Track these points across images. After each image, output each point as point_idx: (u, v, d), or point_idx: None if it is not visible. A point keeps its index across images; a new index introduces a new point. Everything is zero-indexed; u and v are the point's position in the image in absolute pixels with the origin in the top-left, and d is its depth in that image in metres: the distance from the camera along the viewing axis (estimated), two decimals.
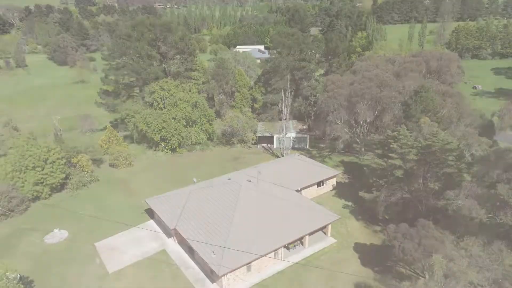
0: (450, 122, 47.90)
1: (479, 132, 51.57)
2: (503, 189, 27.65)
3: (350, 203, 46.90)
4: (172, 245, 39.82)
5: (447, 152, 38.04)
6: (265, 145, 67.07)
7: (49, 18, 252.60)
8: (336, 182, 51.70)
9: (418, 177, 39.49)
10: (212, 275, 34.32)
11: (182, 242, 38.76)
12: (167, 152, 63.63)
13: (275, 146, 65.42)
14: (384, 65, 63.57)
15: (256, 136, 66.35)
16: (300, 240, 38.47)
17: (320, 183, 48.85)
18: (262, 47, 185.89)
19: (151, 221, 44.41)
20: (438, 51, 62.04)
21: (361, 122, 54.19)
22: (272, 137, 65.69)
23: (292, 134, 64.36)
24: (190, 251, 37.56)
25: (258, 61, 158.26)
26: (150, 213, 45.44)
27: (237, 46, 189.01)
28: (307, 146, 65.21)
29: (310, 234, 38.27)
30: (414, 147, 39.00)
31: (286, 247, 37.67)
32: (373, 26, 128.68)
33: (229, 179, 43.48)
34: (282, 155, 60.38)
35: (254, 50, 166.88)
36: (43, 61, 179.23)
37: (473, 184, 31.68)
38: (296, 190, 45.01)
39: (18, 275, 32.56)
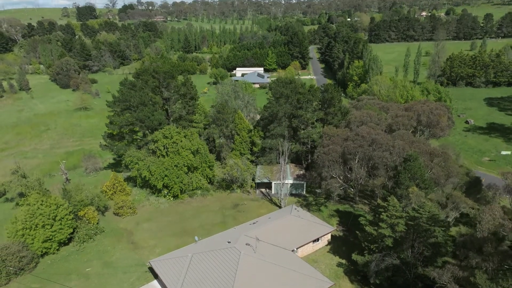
0: (438, 183, 50.59)
1: (466, 189, 54.41)
2: (481, 279, 30.18)
3: (344, 261, 49.31)
4: None
5: (434, 223, 40.69)
6: (263, 190, 69.62)
7: (52, 36, 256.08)
8: (331, 235, 54.18)
9: (406, 246, 42.02)
10: None
11: None
12: (169, 199, 66.13)
13: (273, 192, 67.95)
14: (378, 115, 66.46)
15: (255, 183, 68.94)
16: None
17: (315, 239, 51.32)
18: (261, 69, 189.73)
19: (155, 281, 46.76)
20: (429, 103, 64.68)
21: (354, 175, 56.87)
22: (270, 182, 68.25)
23: (290, 181, 66.96)
24: None
25: (257, 85, 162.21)
26: (154, 271, 47.78)
27: (237, 68, 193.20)
28: (304, 192, 67.79)
29: None
30: (403, 217, 41.63)
31: None
32: (369, 55, 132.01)
33: (228, 242, 45.90)
34: (280, 204, 62.90)
35: (254, 74, 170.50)
36: (46, 83, 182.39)
37: (455, 267, 34.18)
38: (293, 250, 47.52)
39: None
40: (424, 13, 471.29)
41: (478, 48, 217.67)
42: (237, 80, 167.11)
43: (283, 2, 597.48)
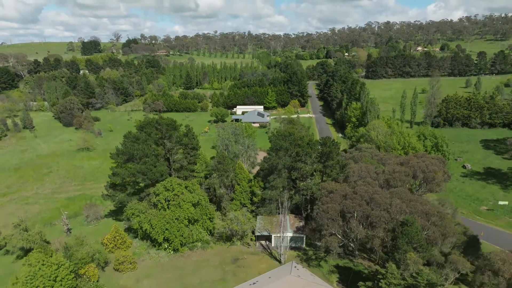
0: (435, 243, 51.21)
1: (464, 249, 54.90)
2: None
3: None
4: None
5: None
6: (263, 242, 69.90)
7: (57, 72, 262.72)
8: None
9: None
10: None
11: None
12: (169, 252, 66.34)
13: (273, 245, 68.22)
14: (375, 168, 67.89)
15: (255, 236, 69.37)
16: None
17: None
18: (261, 107, 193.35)
19: None
20: (425, 157, 66.24)
21: (353, 232, 57.49)
22: (270, 235, 68.64)
23: (290, 234, 67.44)
24: None
25: (257, 125, 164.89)
26: None
27: (237, 106, 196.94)
28: (304, 245, 68.07)
29: None
30: (401, 285, 42.07)
31: None
32: (367, 98, 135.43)
33: None
34: (280, 259, 63.06)
35: (254, 112, 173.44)
36: (49, 121, 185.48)
37: None
38: None
39: None
40: (419, 48, 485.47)
41: (473, 86, 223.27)
42: (237, 120, 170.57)
43: (282, 36, 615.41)
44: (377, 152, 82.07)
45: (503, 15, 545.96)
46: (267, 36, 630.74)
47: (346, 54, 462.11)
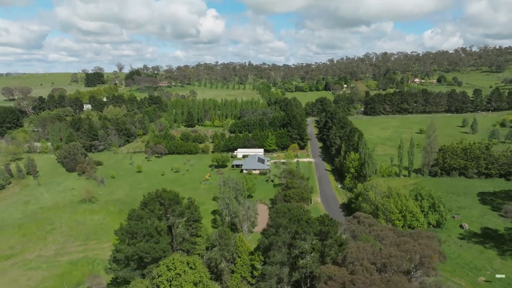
0: None
1: None
2: None
3: None
4: None
5: None
6: None
7: (61, 111, 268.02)
8: None
9: None
10: None
11: None
12: None
13: None
14: (372, 247, 69.59)
15: None
16: None
17: None
18: (261, 150, 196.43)
19: None
20: (421, 239, 68.05)
21: None
22: None
23: None
24: None
25: (257, 171, 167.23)
26: None
27: (238, 149, 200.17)
28: None
29: None
30: None
31: None
32: (365, 149, 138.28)
33: None
34: None
35: (254, 158, 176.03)
36: (52, 165, 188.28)
37: None
38: None
39: None
40: (417, 80, 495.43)
41: (469, 126, 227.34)
42: (238, 166, 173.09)
43: (281, 67, 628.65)
44: (374, 222, 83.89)
45: (497, 47, 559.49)
46: (267, 66, 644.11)
47: (345, 86, 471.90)
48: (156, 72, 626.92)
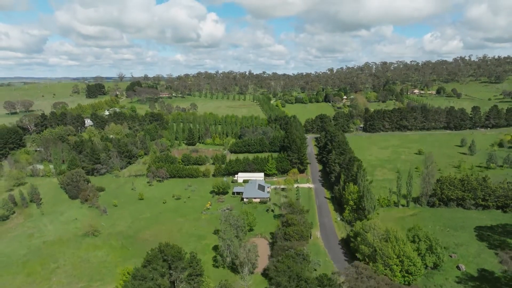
0: None
1: None
2: None
3: None
4: None
5: None
6: None
7: (63, 130, 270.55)
8: None
9: None
10: None
11: None
12: None
13: None
14: None
15: None
16: None
17: None
18: (261, 175, 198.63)
19: None
20: None
21: None
22: None
23: None
24: None
25: (258, 200, 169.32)
26: None
27: (239, 174, 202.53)
28: None
29: None
30: None
31: None
32: (363, 182, 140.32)
33: None
34: None
35: (254, 186, 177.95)
36: (55, 191, 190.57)
37: None
38: None
39: None
40: (416, 91, 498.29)
41: (468, 147, 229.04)
42: (239, 193, 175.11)
43: (281, 76, 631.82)
44: (372, 274, 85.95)
45: (496, 56, 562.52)
46: (267, 76, 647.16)
47: (345, 97, 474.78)
48: (156, 82, 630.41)
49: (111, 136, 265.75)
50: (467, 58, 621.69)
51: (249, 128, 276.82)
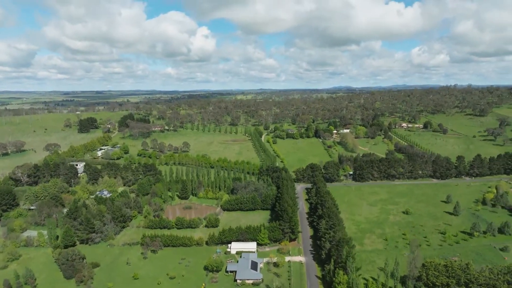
0: None
1: None
2: None
3: None
4: None
5: None
6: None
7: (57, 188, 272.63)
8: None
9: None
10: None
11: None
12: None
13: None
14: None
15: None
16: None
17: None
18: (254, 245, 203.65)
19: None
20: None
21: None
22: None
23: None
24: None
25: (251, 281, 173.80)
26: None
27: (232, 243, 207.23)
28: None
29: None
30: None
31: None
32: (353, 274, 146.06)
33: None
34: None
35: (247, 263, 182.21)
36: (50, 267, 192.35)
37: None
38: None
39: None
40: (404, 125, 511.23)
41: (453, 206, 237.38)
42: (232, 272, 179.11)
43: (273, 108, 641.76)
44: None
45: (479, 89, 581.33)
46: (259, 100, 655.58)
47: (335, 131, 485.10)
48: (149, 112, 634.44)
49: (104, 196, 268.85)
50: (452, 86, 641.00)
51: (241, 182, 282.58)
